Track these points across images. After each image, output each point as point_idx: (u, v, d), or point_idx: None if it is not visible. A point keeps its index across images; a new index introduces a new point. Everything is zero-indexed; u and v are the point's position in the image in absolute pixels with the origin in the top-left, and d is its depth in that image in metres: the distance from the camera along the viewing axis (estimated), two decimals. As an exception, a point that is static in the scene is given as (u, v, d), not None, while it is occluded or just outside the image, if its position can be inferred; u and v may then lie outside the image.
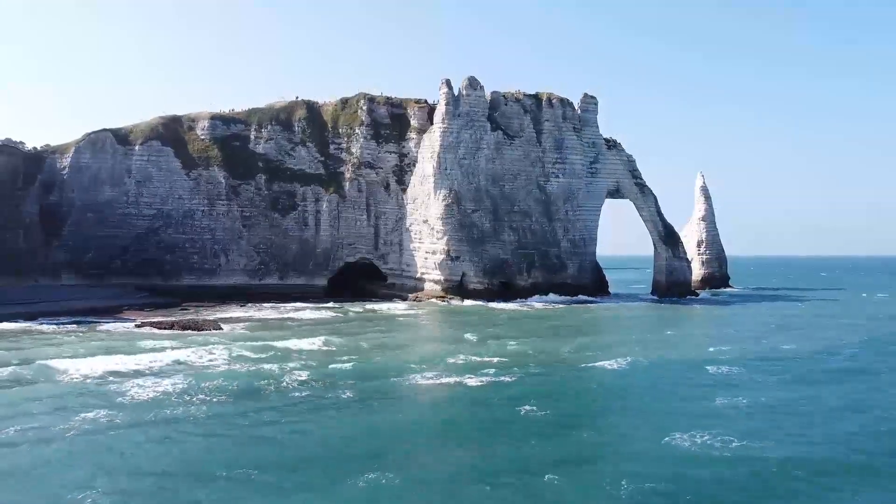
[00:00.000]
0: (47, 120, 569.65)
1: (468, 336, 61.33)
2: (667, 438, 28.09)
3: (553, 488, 22.59)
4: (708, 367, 45.72)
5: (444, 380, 41.06)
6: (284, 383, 39.59)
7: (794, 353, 53.33)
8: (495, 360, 47.86)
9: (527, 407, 33.71)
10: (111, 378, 40.45)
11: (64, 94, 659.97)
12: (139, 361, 45.80)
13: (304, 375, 41.62)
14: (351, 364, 45.79)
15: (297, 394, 36.95)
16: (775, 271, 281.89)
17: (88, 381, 39.82)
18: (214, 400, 35.21)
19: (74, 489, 22.07)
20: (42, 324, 68.26)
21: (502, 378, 41.05)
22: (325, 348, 53.49)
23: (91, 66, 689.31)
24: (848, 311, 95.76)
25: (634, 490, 22.30)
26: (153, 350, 50.61)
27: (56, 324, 68.23)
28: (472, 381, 40.29)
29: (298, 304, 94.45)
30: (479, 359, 48.27)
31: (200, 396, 35.79)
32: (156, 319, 71.08)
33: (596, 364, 46.54)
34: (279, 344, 54.54)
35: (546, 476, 23.52)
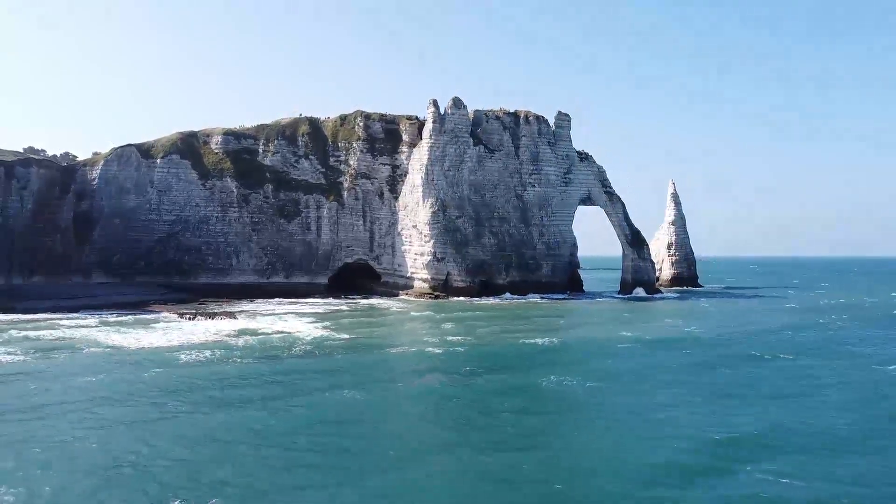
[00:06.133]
0: (55, 122, 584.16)
1: (445, 324, 74.34)
2: (559, 383, 41.42)
3: (459, 402, 35.79)
4: (618, 344, 58.92)
5: (415, 348, 54.43)
6: (294, 352, 52.83)
7: (693, 335, 65.82)
8: (459, 338, 61.01)
9: (468, 367, 47.00)
10: (163, 350, 53.68)
11: (67, 98, 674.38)
12: (180, 339, 59.23)
13: (308, 347, 54.96)
14: (344, 341, 59.16)
15: (304, 359, 50.07)
16: (774, 271, 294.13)
17: (146, 352, 53.04)
18: (245, 363, 48.34)
19: (169, 415, 35.40)
20: (86, 315, 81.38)
21: (458, 348, 54.24)
22: (325, 331, 66.59)
23: (97, 72, 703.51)
24: (783, 304, 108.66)
25: (513, 402, 35.99)
26: (188, 332, 63.81)
27: (98, 315, 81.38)
28: (436, 350, 53.61)
29: (302, 299, 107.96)
30: (447, 337, 61.45)
31: (233, 361, 48.95)
32: (182, 311, 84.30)
33: (532, 340, 59.78)
34: (289, 327, 67.95)
35: (455, 397, 36.81)
